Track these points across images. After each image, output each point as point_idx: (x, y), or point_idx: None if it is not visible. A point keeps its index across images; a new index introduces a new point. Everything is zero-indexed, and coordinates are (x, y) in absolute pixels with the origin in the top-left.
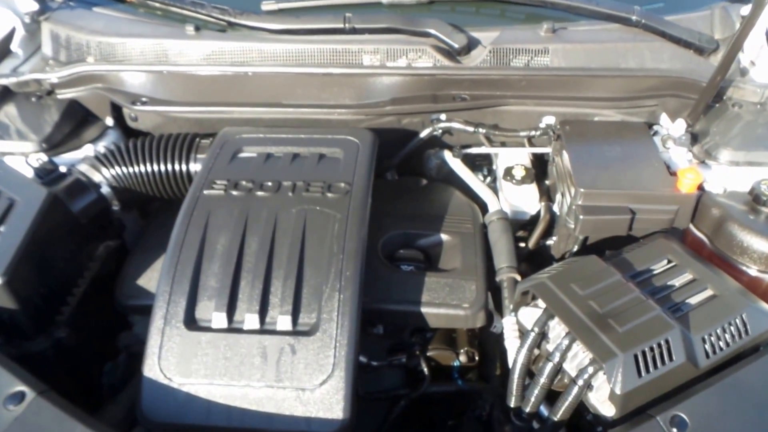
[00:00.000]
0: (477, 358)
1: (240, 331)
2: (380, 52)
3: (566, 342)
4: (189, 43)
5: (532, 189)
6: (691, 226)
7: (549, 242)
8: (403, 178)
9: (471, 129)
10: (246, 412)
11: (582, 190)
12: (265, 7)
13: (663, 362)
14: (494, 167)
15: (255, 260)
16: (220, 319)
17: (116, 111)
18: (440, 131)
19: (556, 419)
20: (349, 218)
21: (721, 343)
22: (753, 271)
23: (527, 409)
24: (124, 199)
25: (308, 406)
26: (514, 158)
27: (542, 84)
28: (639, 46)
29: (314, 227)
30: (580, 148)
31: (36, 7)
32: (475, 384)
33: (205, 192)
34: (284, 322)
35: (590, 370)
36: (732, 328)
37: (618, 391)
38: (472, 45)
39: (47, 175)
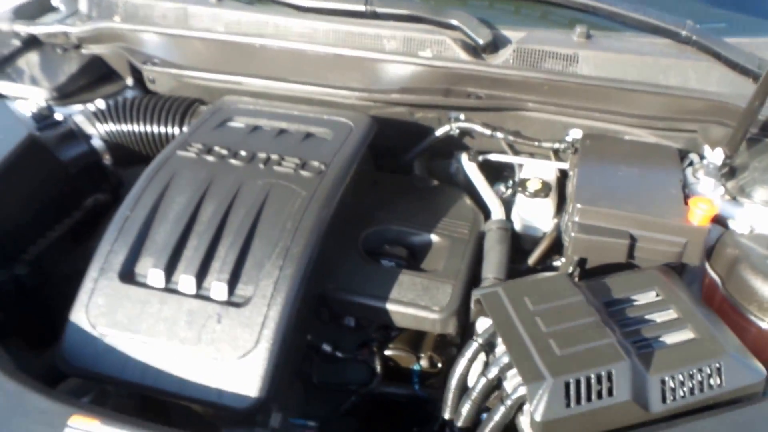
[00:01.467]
0: (440, 365)
1: (173, 291)
2: (397, 39)
3: (506, 359)
4: (209, 11)
5: (547, 204)
6: (708, 266)
7: (557, 263)
8: (413, 176)
9: (488, 132)
10: (161, 373)
11: (579, 206)
12: None
13: (600, 396)
14: (517, 179)
15: (206, 225)
16: (156, 277)
17: (136, 72)
18: (457, 131)
19: None
20: (313, 198)
21: (683, 390)
22: (763, 323)
23: (458, 424)
24: (117, 155)
25: (223, 377)
26: (538, 171)
27: (567, 91)
28: (683, 64)
29: (274, 201)
30: (593, 164)
31: None
32: (434, 392)
33: (179, 152)
34: (219, 291)
35: (520, 391)
36: (701, 375)
37: (537, 418)
38: (499, 43)
39: (42, 120)
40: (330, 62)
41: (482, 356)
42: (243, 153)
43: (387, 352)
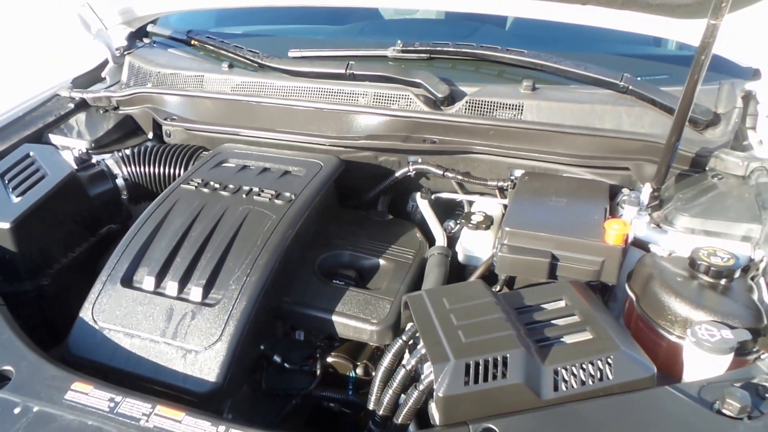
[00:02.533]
0: (374, 374)
1: (160, 294)
2: (368, 95)
3: (423, 350)
4: (221, 77)
5: (487, 236)
6: (627, 286)
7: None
8: (372, 212)
9: (440, 172)
10: (141, 360)
11: (507, 229)
12: (291, 54)
13: (495, 378)
14: None
15: (194, 241)
16: (149, 282)
17: (158, 127)
18: (413, 173)
19: (398, 422)
20: (281, 221)
21: (574, 381)
22: (672, 336)
23: (380, 412)
24: (133, 192)
25: (190, 365)
26: (485, 207)
27: (510, 135)
28: (618, 110)
29: (250, 223)
30: (527, 195)
31: (125, 44)
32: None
33: (182, 186)
34: (196, 293)
35: (431, 375)
36: (591, 368)
37: (440, 393)
38: (456, 96)
39: (82, 163)
40: (311, 115)
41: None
42: (231, 186)
43: (328, 359)
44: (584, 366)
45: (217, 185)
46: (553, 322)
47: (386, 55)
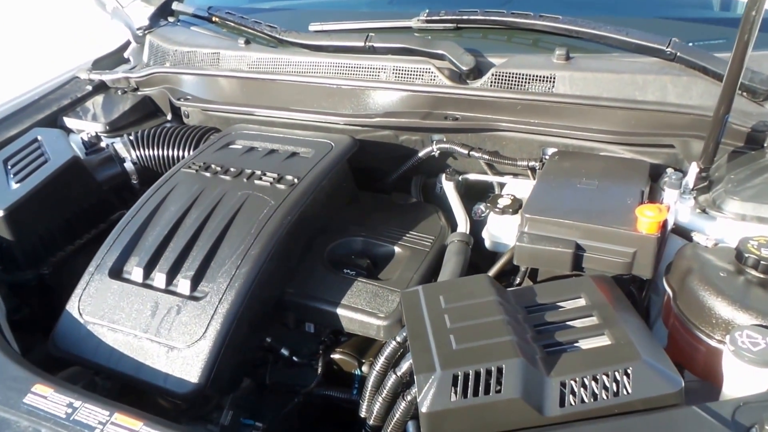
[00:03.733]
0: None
1: (147, 286)
2: (387, 70)
3: None
4: (236, 54)
5: (515, 221)
6: (664, 281)
7: None
8: (393, 195)
9: (465, 152)
10: (123, 357)
11: (527, 215)
12: (312, 27)
13: (487, 392)
14: None
15: (187, 229)
16: (137, 274)
17: (176, 108)
18: (438, 153)
19: None
20: (280, 207)
21: (584, 394)
22: (712, 341)
23: (370, 422)
24: (143, 176)
25: (172, 363)
26: (517, 189)
27: (541, 110)
28: (662, 79)
29: (247, 209)
30: (553, 177)
31: (146, 23)
32: None
33: (183, 169)
34: (184, 286)
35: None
36: (606, 380)
37: (423, 409)
38: (482, 69)
39: (91, 147)
40: (327, 93)
41: None
42: (232, 169)
43: (332, 356)
44: (597, 377)
45: (218, 168)
46: (567, 323)
47: (410, 26)
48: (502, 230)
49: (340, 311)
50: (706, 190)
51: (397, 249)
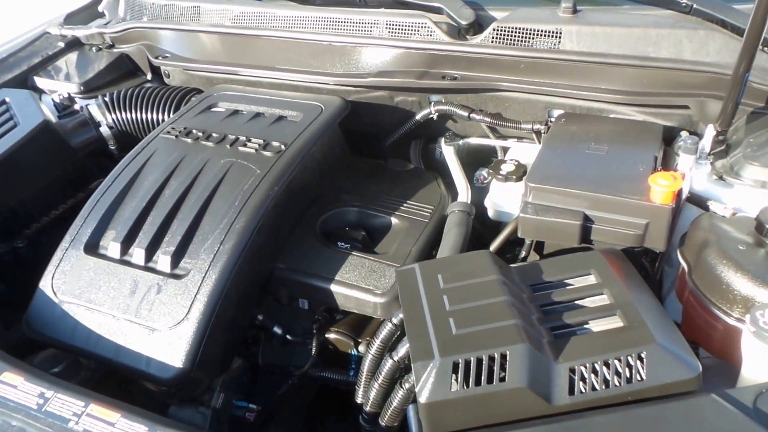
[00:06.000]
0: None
1: (126, 263)
2: (380, 25)
3: None
4: (217, 7)
5: (519, 188)
6: (678, 254)
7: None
8: (389, 160)
9: (465, 114)
10: (102, 339)
11: (531, 184)
12: None
13: (490, 380)
14: None
15: (167, 201)
16: (114, 249)
17: (156, 67)
18: (436, 115)
19: (383, 424)
20: (266, 176)
21: (595, 381)
22: (731, 319)
23: (366, 408)
24: (121, 141)
25: (153, 347)
26: (521, 154)
27: (546, 69)
28: (677, 34)
29: (231, 179)
30: (559, 141)
31: None
32: None
33: (161, 135)
34: (164, 263)
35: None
36: (618, 365)
37: (421, 400)
38: (483, 23)
39: (64, 109)
40: (316, 50)
41: None
42: (215, 134)
43: (329, 335)
44: (609, 363)
45: (200, 134)
46: (576, 302)
47: None
48: (505, 198)
49: (334, 288)
50: (723, 155)
51: (394, 220)
